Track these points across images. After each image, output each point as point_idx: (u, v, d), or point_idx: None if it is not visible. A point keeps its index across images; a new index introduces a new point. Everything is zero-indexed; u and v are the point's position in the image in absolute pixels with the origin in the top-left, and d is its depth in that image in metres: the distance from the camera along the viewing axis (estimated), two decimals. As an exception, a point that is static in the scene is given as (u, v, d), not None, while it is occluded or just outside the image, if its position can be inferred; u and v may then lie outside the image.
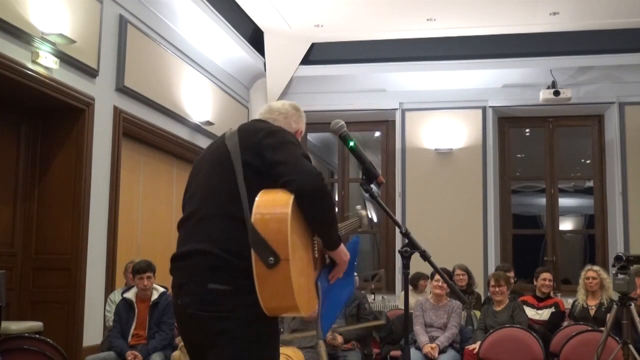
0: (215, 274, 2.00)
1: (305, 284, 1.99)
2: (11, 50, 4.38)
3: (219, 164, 2.13)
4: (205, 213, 2.10)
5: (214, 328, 2.00)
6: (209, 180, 2.14)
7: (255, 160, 2.06)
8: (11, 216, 5.07)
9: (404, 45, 8.12)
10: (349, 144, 2.49)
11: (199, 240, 2.07)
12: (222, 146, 2.17)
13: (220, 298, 1.98)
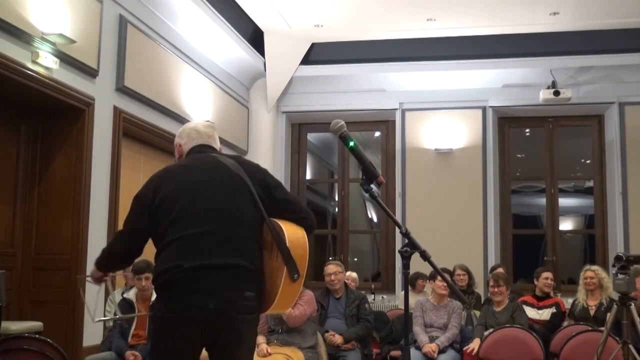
0: (249, 285, 2.48)
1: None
2: (11, 50, 4.38)
3: (241, 193, 2.57)
4: (237, 234, 2.52)
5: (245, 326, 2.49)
6: (236, 205, 2.56)
7: (263, 194, 2.58)
8: (11, 216, 5.07)
9: (404, 45, 8.12)
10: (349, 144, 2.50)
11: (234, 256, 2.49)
12: (236, 176, 2.59)
13: (252, 303, 2.49)
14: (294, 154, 9.04)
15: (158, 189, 2.59)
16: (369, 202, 10.99)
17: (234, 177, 2.59)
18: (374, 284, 8.48)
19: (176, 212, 2.51)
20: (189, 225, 2.48)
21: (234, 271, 2.46)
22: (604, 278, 5.71)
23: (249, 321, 2.50)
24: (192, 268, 2.43)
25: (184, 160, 2.82)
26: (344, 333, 5.27)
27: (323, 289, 5.66)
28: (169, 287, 2.45)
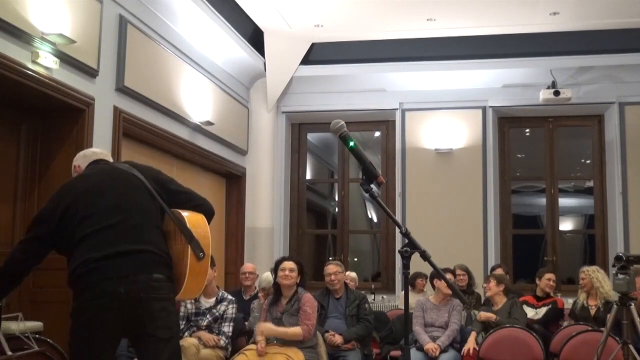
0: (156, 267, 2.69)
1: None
2: (11, 50, 4.38)
3: (137, 187, 2.84)
4: (139, 223, 2.76)
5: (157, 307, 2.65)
6: (135, 198, 2.82)
7: (159, 189, 2.88)
8: (11, 216, 5.06)
9: (404, 45, 8.12)
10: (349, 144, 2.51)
11: (138, 242, 2.71)
12: (130, 175, 2.87)
13: (162, 285, 2.68)
14: (294, 154, 9.04)
15: (59, 202, 2.80)
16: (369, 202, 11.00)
17: (128, 176, 2.87)
18: (374, 284, 8.48)
19: (80, 215, 2.73)
20: (94, 223, 2.71)
21: (141, 255, 2.68)
22: (595, 278, 5.71)
23: (161, 301, 2.67)
24: (101, 258, 2.63)
25: (81, 173, 3.06)
26: (344, 333, 5.28)
27: (323, 289, 5.67)
28: (82, 279, 2.64)
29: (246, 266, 6.53)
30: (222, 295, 5.05)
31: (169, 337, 2.70)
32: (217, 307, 4.98)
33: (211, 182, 7.90)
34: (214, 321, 4.94)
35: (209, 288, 5.04)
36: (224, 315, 4.97)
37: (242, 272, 6.43)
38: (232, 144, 7.86)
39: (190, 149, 6.88)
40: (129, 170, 2.90)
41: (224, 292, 5.16)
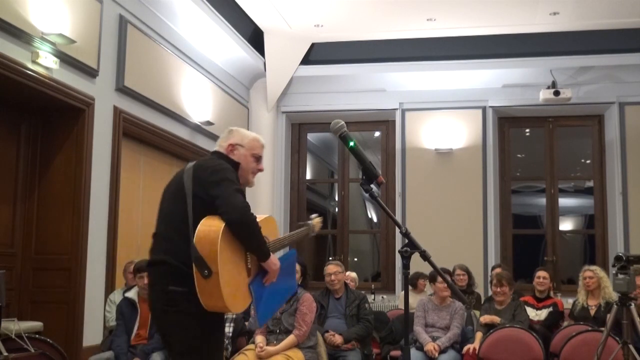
0: (173, 279, 2.65)
1: (235, 289, 2.63)
2: (11, 50, 4.38)
3: (175, 194, 2.79)
4: (161, 231, 2.80)
5: (171, 319, 2.67)
6: (167, 207, 2.83)
7: (202, 194, 2.70)
8: (11, 216, 5.07)
9: (404, 45, 8.12)
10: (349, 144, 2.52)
11: (157, 253, 2.76)
12: (179, 179, 2.82)
13: (178, 297, 2.63)
14: (294, 154, 9.04)
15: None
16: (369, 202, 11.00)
17: (178, 181, 2.84)
18: (374, 284, 8.48)
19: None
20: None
21: (157, 267, 2.73)
22: (603, 278, 5.71)
23: (176, 314, 2.66)
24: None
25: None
26: (344, 333, 5.27)
27: (323, 289, 5.67)
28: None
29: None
30: None
31: (183, 351, 2.68)
32: (217, 307, 4.98)
33: (211, 182, 7.89)
34: (214, 321, 4.94)
35: None
36: (224, 316, 4.96)
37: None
38: (232, 144, 7.85)
39: (190, 149, 6.88)
40: (185, 172, 2.82)
41: None
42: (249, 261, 2.75)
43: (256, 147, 3.02)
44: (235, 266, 2.66)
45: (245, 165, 2.98)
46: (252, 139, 3.04)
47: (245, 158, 2.98)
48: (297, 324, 4.66)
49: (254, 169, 3.02)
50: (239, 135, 3.03)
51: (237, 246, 2.66)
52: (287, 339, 4.62)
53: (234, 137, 3.01)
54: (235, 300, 2.63)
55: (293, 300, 4.76)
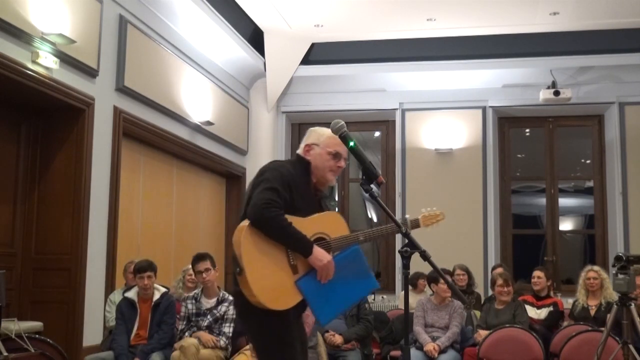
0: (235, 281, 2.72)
1: (270, 286, 2.64)
2: (11, 50, 4.38)
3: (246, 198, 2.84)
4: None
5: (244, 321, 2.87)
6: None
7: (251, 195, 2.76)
8: (11, 216, 5.06)
9: (404, 45, 8.12)
10: (349, 144, 2.52)
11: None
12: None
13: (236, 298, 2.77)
14: (294, 154, 9.02)
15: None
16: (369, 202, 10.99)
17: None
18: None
19: None
20: None
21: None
22: (605, 278, 5.72)
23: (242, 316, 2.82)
24: None
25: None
26: (344, 333, 5.27)
27: (323, 289, 5.66)
28: None
29: (246, 266, 6.51)
30: (223, 296, 5.05)
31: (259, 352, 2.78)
32: (218, 308, 4.98)
33: (211, 182, 7.90)
34: (214, 322, 4.94)
35: (211, 289, 5.04)
36: (225, 316, 4.96)
37: (242, 272, 6.41)
38: (232, 144, 7.86)
39: (190, 149, 6.88)
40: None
41: (225, 292, 5.16)
42: (292, 258, 2.72)
43: (332, 144, 2.92)
44: (270, 263, 2.68)
45: (320, 163, 2.93)
46: (328, 136, 2.95)
47: (320, 156, 2.94)
48: None
49: (332, 167, 2.93)
50: (315, 134, 3.01)
51: (275, 244, 2.68)
52: None
53: (311, 137, 3.00)
54: (271, 296, 2.64)
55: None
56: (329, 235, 2.84)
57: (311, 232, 2.78)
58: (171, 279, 6.29)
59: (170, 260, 6.72)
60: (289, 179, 2.80)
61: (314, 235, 2.80)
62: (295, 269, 2.72)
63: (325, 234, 2.83)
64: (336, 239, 2.86)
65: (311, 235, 2.78)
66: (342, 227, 2.95)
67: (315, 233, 2.81)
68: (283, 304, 2.67)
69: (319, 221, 2.78)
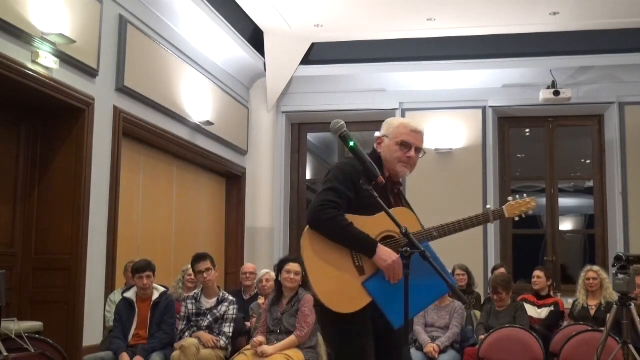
0: None
1: (333, 288, 2.60)
2: (11, 50, 4.38)
3: None
4: None
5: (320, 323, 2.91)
6: None
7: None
8: (11, 216, 5.07)
9: (404, 45, 8.11)
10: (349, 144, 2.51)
11: None
12: None
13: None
14: (294, 154, 9.04)
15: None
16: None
17: None
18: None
19: None
20: None
21: None
22: (605, 279, 5.72)
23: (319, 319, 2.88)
24: None
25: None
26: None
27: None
28: None
29: (247, 266, 6.53)
30: (223, 296, 5.05)
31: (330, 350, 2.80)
32: (218, 308, 4.98)
33: (211, 182, 7.90)
34: (214, 322, 4.94)
35: (211, 289, 5.04)
36: (225, 316, 4.97)
37: (243, 272, 6.43)
38: (232, 144, 7.86)
39: (190, 149, 6.88)
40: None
41: (225, 292, 5.16)
42: (357, 259, 2.65)
43: (401, 134, 2.80)
44: (332, 266, 2.62)
45: (389, 155, 2.81)
46: (398, 125, 2.84)
47: (389, 148, 2.82)
48: (299, 325, 4.66)
49: (401, 157, 2.79)
50: (386, 125, 2.89)
51: (337, 245, 2.63)
52: (287, 339, 4.62)
53: (383, 129, 2.89)
54: (336, 299, 2.59)
55: (294, 300, 4.76)
56: (398, 233, 2.67)
57: (378, 231, 2.68)
58: (171, 279, 6.29)
59: (170, 260, 6.72)
60: (354, 176, 2.66)
61: (381, 234, 2.69)
62: (361, 270, 2.64)
63: (394, 232, 2.69)
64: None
65: (378, 234, 2.68)
66: (413, 224, 2.75)
67: (383, 232, 2.70)
68: (349, 307, 2.59)
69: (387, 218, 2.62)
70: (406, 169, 2.82)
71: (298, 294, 4.78)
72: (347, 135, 2.52)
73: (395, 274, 2.60)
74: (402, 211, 2.78)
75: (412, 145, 2.79)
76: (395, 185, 2.88)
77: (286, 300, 4.80)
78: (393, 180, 2.85)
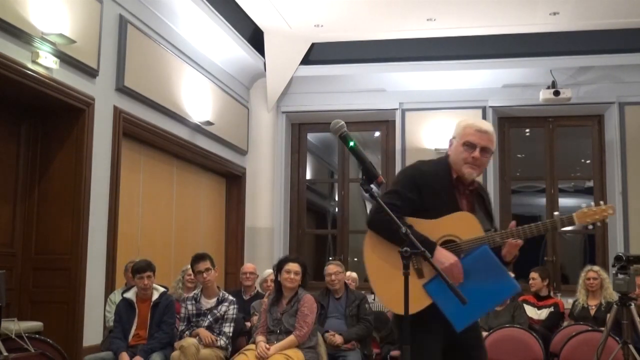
0: None
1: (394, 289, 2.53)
2: (11, 50, 4.38)
3: None
4: None
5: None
6: None
7: None
8: (11, 216, 5.07)
9: (404, 45, 8.11)
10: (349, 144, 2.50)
11: None
12: None
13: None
14: (294, 154, 9.04)
15: None
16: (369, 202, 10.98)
17: None
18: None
19: None
20: None
21: None
22: (605, 279, 5.72)
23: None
24: None
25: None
26: (344, 333, 5.27)
27: (323, 289, 5.67)
28: None
29: (247, 266, 6.53)
30: (223, 296, 5.06)
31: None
32: (218, 308, 4.98)
33: (211, 182, 7.90)
34: (214, 322, 4.94)
35: (210, 289, 5.04)
36: (225, 316, 4.97)
37: (243, 272, 6.43)
38: (232, 144, 7.86)
39: (190, 149, 6.88)
40: None
41: (225, 292, 5.16)
42: (416, 261, 2.64)
43: (467, 134, 2.75)
44: (391, 267, 2.62)
45: (455, 157, 2.77)
46: (465, 126, 2.79)
47: (456, 149, 2.78)
48: (298, 325, 4.66)
49: (466, 158, 2.73)
50: (456, 127, 2.84)
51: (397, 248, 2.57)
52: (287, 339, 4.61)
53: (453, 131, 2.83)
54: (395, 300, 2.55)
55: (294, 300, 4.76)
56: (459, 237, 2.69)
57: (439, 235, 2.67)
58: (171, 279, 6.29)
59: (170, 260, 6.72)
60: (417, 179, 2.69)
61: (442, 237, 2.68)
62: (420, 272, 2.66)
63: (455, 236, 2.69)
64: (467, 241, 2.70)
65: (439, 237, 2.67)
66: (474, 228, 2.73)
67: (444, 235, 2.69)
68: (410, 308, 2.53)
69: (449, 222, 2.64)
70: (472, 170, 2.76)
71: (297, 294, 4.78)
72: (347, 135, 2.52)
73: (454, 276, 2.57)
74: (464, 216, 2.76)
75: (477, 145, 2.74)
76: (467, 187, 2.83)
77: (286, 300, 4.80)
78: (464, 183, 2.81)
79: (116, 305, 5.07)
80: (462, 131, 2.78)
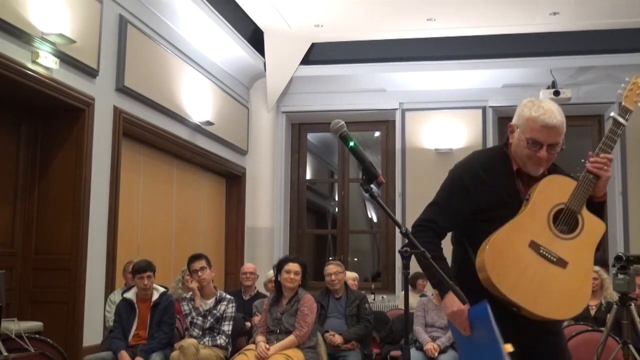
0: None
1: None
2: (11, 50, 4.38)
3: None
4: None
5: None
6: None
7: None
8: (11, 216, 5.07)
9: (404, 45, 8.12)
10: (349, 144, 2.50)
11: None
12: None
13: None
14: (294, 154, 9.04)
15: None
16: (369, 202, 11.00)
17: None
18: (374, 284, 8.48)
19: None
20: None
21: None
22: (606, 279, 5.72)
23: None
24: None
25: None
26: (344, 333, 5.27)
27: (323, 289, 5.67)
28: None
29: (247, 266, 6.53)
30: (220, 296, 5.06)
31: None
32: (218, 307, 4.98)
33: (211, 182, 7.90)
34: (216, 322, 4.95)
35: (207, 288, 5.04)
36: (224, 315, 4.97)
37: (243, 272, 6.43)
38: (232, 144, 7.86)
39: (190, 149, 6.88)
40: None
41: (222, 292, 5.17)
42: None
43: (530, 130, 2.40)
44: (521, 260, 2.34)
45: (518, 150, 2.46)
46: (527, 118, 2.42)
47: (519, 142, 2.45)
48: (298, 325, 4.66)
49: (531, 155, 2.44)
50: (517, 112, 2.48)
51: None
52: (287, 339, 4.61)
53: (515, 115, 2.48)
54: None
55: (294, 300, 4.76)
56: (562, 202, 2.44)
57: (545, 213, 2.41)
58: (171, 279, 6.29)
59: (170, 260, 6.72)
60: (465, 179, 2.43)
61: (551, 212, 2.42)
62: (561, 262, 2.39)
63: (561, 204, 2.44)
64: (570, 200, 2.49)
65: (547, 212, 2.40)
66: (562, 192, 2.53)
67: (550, 210, 2.42)
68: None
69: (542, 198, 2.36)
70: (538, 168, 2.52)
71: (297, 294, 4.78)
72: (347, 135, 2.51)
73: (458, 324, 2.33)
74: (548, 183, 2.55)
75: (541, 143, 2.43)
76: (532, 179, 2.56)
77: (286, 300, 4.80)
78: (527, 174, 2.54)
79: (116, 305, 5.07)
80: (525, 124, 2.43)
